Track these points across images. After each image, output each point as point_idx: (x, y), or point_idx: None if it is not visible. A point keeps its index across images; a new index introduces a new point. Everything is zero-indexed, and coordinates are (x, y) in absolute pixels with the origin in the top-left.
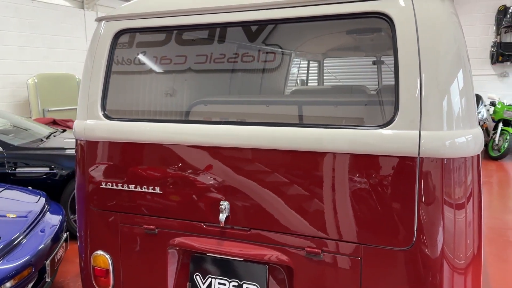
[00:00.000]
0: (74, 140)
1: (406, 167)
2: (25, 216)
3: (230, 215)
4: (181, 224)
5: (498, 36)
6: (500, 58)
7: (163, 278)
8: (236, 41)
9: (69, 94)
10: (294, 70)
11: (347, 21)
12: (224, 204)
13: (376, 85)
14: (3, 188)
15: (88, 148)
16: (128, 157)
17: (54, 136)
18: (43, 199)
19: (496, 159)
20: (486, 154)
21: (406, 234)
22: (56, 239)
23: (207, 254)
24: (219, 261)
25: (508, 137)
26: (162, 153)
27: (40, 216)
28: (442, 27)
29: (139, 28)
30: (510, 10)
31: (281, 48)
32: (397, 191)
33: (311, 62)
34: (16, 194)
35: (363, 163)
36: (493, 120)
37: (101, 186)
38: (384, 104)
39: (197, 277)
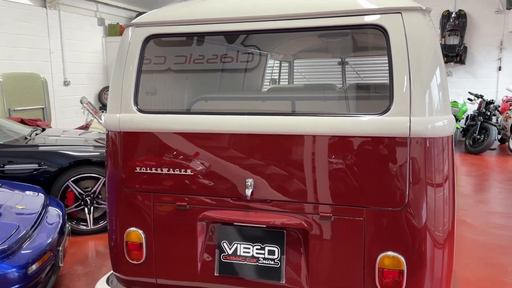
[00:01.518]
0: (60, 137)
1: (400, 144)
2: (33, 208)
3: (254, 190)
4: (211, 200)
5: (443, 39)
6: (445, 59)
7: (193, 247)
8: (224, 44)
9: (34, 94)
10: (268, 69)
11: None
12: (250, 181)
13: (340, 83)
14: (1, 184)
15: (122, 138)
16: (161, 144)
17: (37, 134)
18: (42, 194)
19: None
20: None
21: (401, 196)
22: (61, 230)
23: (234, 224)
24: (244, 229)
25: None
26: (192, 140)
27: (44, 209)
28: (424, 35)
29: (167, 34)
30: (453, 15)
31: (259, 50)
32: (394, 162)
33: (282, 62)
34: (16, 189)
35: (367, 143)
36: None
37: (135, 171)
38: (379, 98)
39: (224, 244)
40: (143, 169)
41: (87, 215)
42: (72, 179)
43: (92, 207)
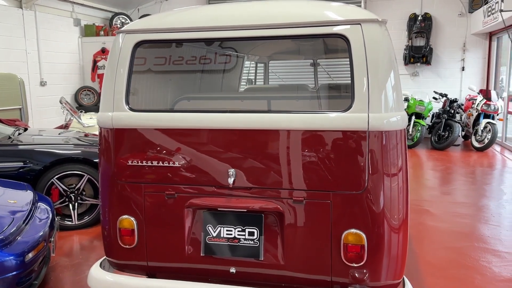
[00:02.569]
0: (43, 136)
1: (361, 138)
2: (24, 203)
3: (236, 179)
4: (197, 189)
5: (410, 40)
6: (412, 60)
7: (180, 231)
8: (204, 47)
9: (11, 94)
10: (245, 70)
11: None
12: (232, 171)
13: (313, 82)
14: None
15: (115, 134)
16: (150, 139)
17: (19, 133)
18: (30, 190)
19: (410, 147)
20: None
21: (360, 181)
22: (52, 224)
23: (218, 209)
24: (226, 214)
25: (419, 128)
26: (179, 135)
27: (34, 204)
28: (380, 43)
29: (155, 40)
30: (419, 18)
31: (236, 52)
32: (355, 153)
33: (258, 63)
34: (5, 186)
35: (333, 136)
36: (407, 113)
37: (127, 164)
38: (342, 97)
39: (209, 227)
40: (135, 162)
41: (72, 211)
42: (57, 176)
43: (76, 203)
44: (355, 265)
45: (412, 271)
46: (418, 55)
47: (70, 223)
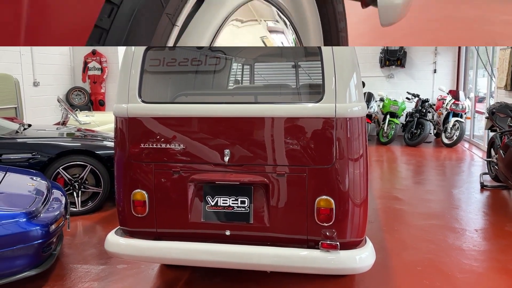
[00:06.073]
0: (46, 131)
1: (330, 123)
2: (41, 186)
3: (230, 157)
4: (198, 166)
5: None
6: (387, 63)
7: (184, 202)
8: (197, 51)
9: (7, 94)
10: (232, 71)
11: None
12: (227, 151)
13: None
14: (6, 169)
15: (130, 122)
16: (159, 126)
17: (25, 129)
18: (43, 177)
19: (385, 144)
20: (378, 140)
21: (330, 157)
22: (65, 206)
23: (215, 182)
24: (222, 186)
25: (394, 126)
26: (184, 122)
27: (49, 188)
28: (344, 50)
29: (162, 46)
30: None
31: (225, 55)
32: (325, 136)
33: (245, 65)
34: (21, 173)
35: (308, 122)
36: (382, 113)
37: (140, 146)
38: (316, 93)
39: (208, 198)
40: (146, 145)
41: (76, 198)
42: (62, 166)
43: (79, 191)
44: (326, 224)
45: (380, 243)
46: (393, 58)
47: (74, 209)
